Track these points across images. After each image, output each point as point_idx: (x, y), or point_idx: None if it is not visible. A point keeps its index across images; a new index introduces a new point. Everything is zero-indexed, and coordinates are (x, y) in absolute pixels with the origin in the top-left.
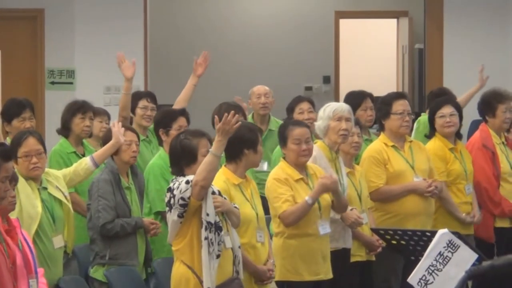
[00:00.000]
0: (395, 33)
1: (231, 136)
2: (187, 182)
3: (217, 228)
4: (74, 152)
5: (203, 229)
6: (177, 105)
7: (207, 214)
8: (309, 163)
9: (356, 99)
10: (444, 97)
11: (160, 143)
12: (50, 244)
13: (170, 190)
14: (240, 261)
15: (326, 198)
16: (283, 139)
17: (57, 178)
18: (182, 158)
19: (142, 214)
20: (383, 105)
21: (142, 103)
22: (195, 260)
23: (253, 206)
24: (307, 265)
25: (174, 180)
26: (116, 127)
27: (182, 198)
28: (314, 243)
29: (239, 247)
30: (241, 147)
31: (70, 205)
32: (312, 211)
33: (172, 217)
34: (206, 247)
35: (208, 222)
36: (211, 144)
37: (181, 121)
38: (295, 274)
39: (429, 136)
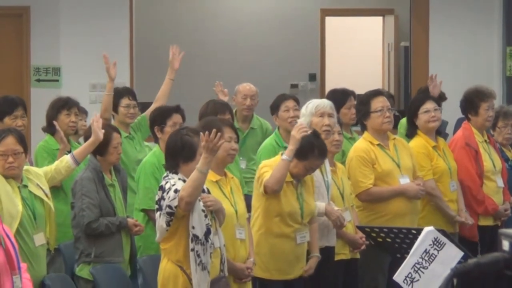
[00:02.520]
0: (381, 31)
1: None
2: (176, 191)
3: (205, 239)
4: (59, 149)
5: (189, 240)
6: (157, 102)
7: (193, 227)
8: None
9: (339, 97)
10: (425, 93)
11: (156, 140)
12: (31, 242)
13: (161, 188)
14: (225, 260)
15: (312, 205)
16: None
17: (38, 176)
18: (180, 154)
19: (127, 211)
20: (361, 105)
21: (125, 101)
22: (183, 258)
23: (232, 203)
24: (278, 264)
25: (166, 177)
26: (96, 123)
27: (169, 207)
28: (289, 246)
29: (224, 245)
30: None
31: (51, 203)
32: (292, 217)
33: (160, 222)
34: (193, 259)
35: (194, 235)
36: None
37: (176, 117)
38: (265, 271)
39: (410, 135)
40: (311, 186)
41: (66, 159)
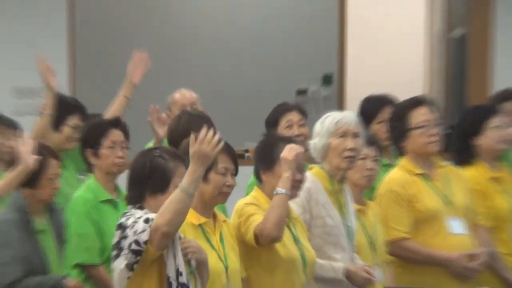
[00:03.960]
0: (424, 13)
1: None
2: (147, 220)
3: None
4: None
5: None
6: None
7: (178, 271)
8: (304, 196)
9: (371, 107)
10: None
11: (89, 168)
12: None
13: (121, 226)
14: None
15: (310, 250)
16: (269, 160)
17: None
18: (147, 182)
19: (63, 266)
20: (396, 120)
21: (73, 121)
22: None
23: (221, 257)
24: None
25: (127, 213)
26: (25, 145)
27: (136, 242)
28: None
29: None
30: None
31: None
32: (294, 267)
33: (119, 265)
34: None
35: (181, 284)
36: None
37: (115, 135)
38: None
39: (463, 161)
40: (303, 227)
41: None
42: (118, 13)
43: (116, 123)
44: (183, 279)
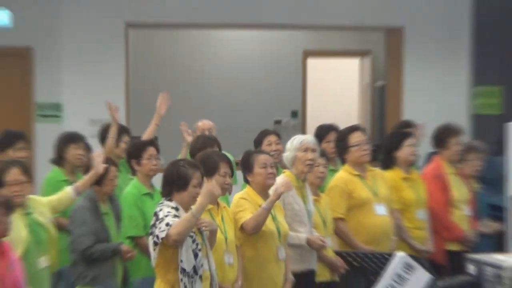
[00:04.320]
0: (358, 71)
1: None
2: (167, 224)
3: (194, 272)
4: (66, 181)
5: (178, 271)
6: None
7: (181, 261)
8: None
9: (321, 132)
10: (410, 129)
11: (133, 172)
12: (35, 265)
13: (156, 215)
14: (216, 283)
15: (285, 225)
16: (248, 167)
17: (42, 205)
18: (174, 183)
19: (119, 237)
20: (340, 141)
21: (125, 139)
22: (173, 280)
23: (223, 231)
24: (263, 281)
25: (161, 204)
26: (97, 158)
27: (157, 237)
28: (273, 268)
29: (215, 269)
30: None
31: (53, 230)
32: (272, 239)
33: (150, 247)
34: None
35: (182, 268)
36: (202, 177)
37: (151, 150)
38: None
39: (386, 166)
40: (281, 209)
41: (67, 191)
42: (155, 67)
43: (151, 142)
44: (184, 265)
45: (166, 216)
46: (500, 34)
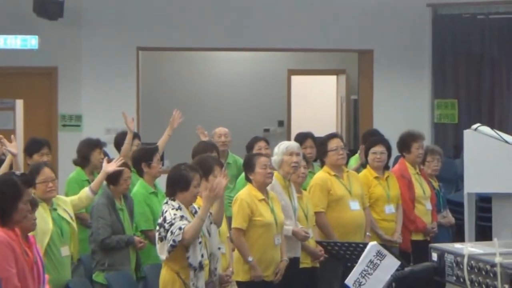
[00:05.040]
0: (335, 86)
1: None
2: (180, 228)
3: (199, 267)
4: (88, 180)
5: (185, 264)
6: None
7: (188, 257)
8: (269, 189)
9: (299, 138)
10: (379, 137)
11: (141, 174)
12: (59, 253)
13: (162, 214)
14: (218, 259)
15: (281, 216)
16: (250, 167)
17: (65, 203)
18: (178, 184)
19: (133, 230)
20: (320, 146)
21: (136, 143)
22: (179, 268)
23: None
24: (265, 269)
25: (166, 204)
26: (105, 162)
27: (174, 241)
28: (271, 252)
29: (219, 248)
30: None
31: (74, 224)
32: (270, 228)
33: (161, 248)
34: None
35: (189, 263)
36: (201, 178)
37: (158, 156)
38: (246, 274)
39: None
40: (278, 203)
41: (85, 191)
42: (161, 83)
43: (157, 149)
44: (191, 260)
45: (174, 219)
46: (454, 56)
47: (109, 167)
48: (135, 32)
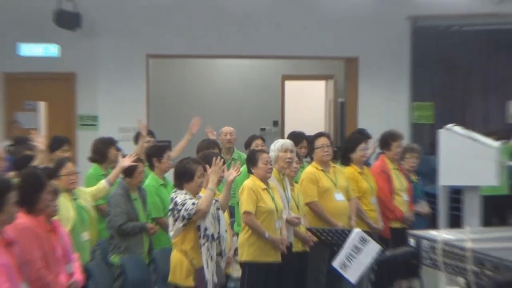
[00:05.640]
0: (324, 90)
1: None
2: (194, 203)
3: (216, 237)
4: (104, 175)
5: (200, 238)
6: (174, 152)
7: (206, 229)
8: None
9: (296, 138)
10: (363, 135)
11: (152, 168)
12: (79, 238)
13: (172, 200)
14: (224, 240)
15: (281, 204)
16: (253, 161)
17: (85, 193)
18: (184, 176)
19: (147, 218)
20: (309, 144)
21: (146, 139)
22: (188, 248)
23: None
24: (266, 252)
25: (175, 193)
26: (120, 157)
27: (188, 214)
28: (272, 235)
29: (226, 230)
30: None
31: (93, 212)
32: (272, 214)
33: (177, 225)
34: (205, 252)
35: (206, 234)
36: (204, 170)
37: (168, 152)
38: (258, 257)
39: (345, 164)
40: (277, 192)
41: (103, 183)
42: (168, 86)
43: (169, 146)
44: (208, 232)
45: (185, 200)
46: (431, 64)
47: (125, 162)
48: (144, 41)
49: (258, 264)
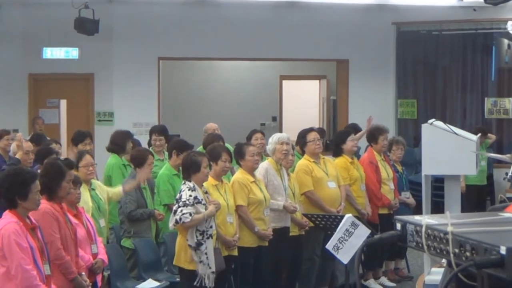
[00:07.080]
0: (318, 89)
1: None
2: (190, 214)
3: (208, 236)
4: (124, 165)
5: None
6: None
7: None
8: (264, 172)
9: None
10: (354, 129)
11: (170, 158)
12: (97, 224)
13: (180, 192)
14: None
15: (267, 195)
16: (241, 154)
17: (101, 187)
18: (190, 168)
19: (154, 205)
20: (301, 138)
21: (153, 137)
22: (190, 237)
23: (225, 199)
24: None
25: (183, 184)
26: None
27: (180, 219)
28: (261, 223)
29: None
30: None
31: (106, 206)
32: (261, 204)
33: (172, 218)
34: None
35: (197, 229)
36: (209, 161)
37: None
38: (247, 242)
39: (336, 155)
40: (263, 184)
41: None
42: (177, 86)
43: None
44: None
45: (188, 200)
46: (414, 64)
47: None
48: (156, 45)
49: (253, 248)
